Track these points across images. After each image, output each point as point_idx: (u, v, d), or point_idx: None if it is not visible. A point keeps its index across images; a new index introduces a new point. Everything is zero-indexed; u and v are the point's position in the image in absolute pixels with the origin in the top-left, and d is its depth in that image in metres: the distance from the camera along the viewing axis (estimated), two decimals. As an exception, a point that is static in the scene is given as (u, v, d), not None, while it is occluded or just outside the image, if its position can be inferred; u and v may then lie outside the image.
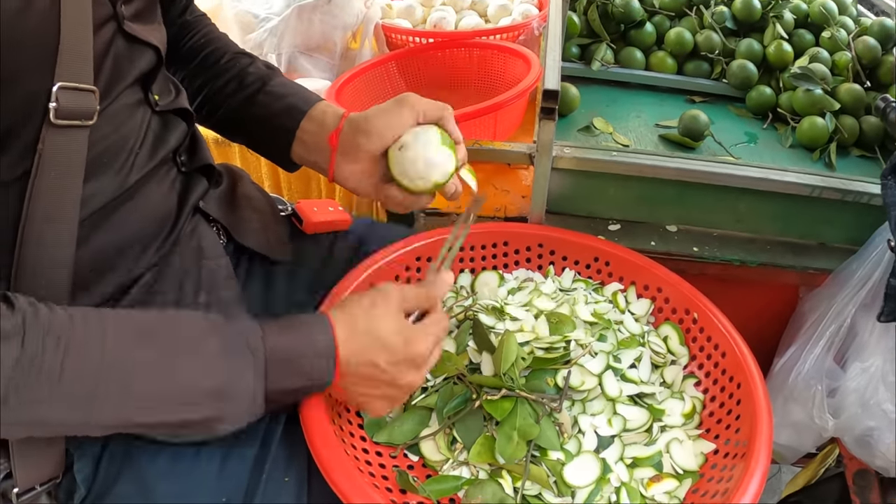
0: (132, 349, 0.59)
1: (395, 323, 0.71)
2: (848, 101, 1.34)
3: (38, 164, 0.61)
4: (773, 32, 1.48)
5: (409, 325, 0.72)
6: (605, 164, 1.11)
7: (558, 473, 0.76)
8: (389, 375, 0.70)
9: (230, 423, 0.65)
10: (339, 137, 0.84)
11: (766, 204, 1.13)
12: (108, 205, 0.70)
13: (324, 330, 0.68)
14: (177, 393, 0.61)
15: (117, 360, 0.58)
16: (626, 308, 0.98)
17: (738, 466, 0.75)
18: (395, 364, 0.70)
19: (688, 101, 1.51)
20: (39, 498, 0.73)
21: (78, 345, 0.56)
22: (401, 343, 0.70)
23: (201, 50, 0.94)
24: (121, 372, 0.58)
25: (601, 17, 1.54)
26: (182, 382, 0.61)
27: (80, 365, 0.56)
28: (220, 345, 0.63)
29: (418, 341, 0.71)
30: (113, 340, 0.58)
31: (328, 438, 0.72)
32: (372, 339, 0.69)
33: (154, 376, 0.60)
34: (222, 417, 0.64)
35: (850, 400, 0.96)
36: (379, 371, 0.70)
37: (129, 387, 0.59)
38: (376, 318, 0.70)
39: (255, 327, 0.66)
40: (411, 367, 0.71)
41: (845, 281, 1.03)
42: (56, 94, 0.60)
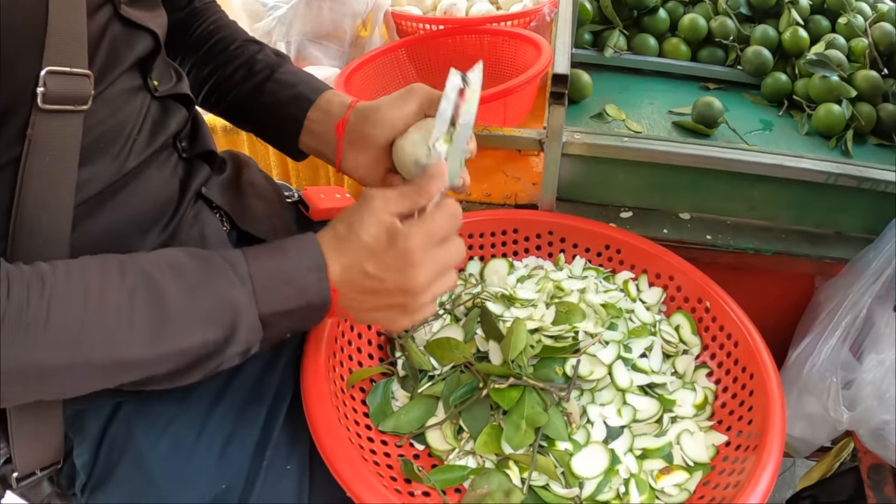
0: (116, 284, 0.57)
1: (377, 224, 0.65)
2: (865, 88, 1.32)
3: (28, 149, 0.60)
4: (788, 18, 1.46)
5: (392, 222, 0.66)
6: (617, 150, 1.09)
7: (566, 464, 0.75)
8: (384, 282, 0.66)
9: (230, 353, 0.63)
10: (345, 127, 0.83)
11: (781, 191, 1.11)
12: (106, 190, 0.69)
13: (311, 247, 0.65)
14: (168, 320, 0.59)
15: (102, 297, 0.56)
16: (637, 296, 0.97)
17: (749, 459, 0.73)
18: (386, 267, 0.65)
19: (702, 87, 1.49)
20: (41, 483, 0.74)
21: (62, 287, 0.55)
22: (385, 242, 0.65)
23: (210, 37, 0.93)
24: (108, 307, 0.56)
25: (614, 3, 1.52)
26: (171, 309, 0.59)
27: (66, 307, 0.54)
28: (203, 272, 0.61)
29: (405, 236, 0.65)
30: (97, 280, 0.57)
31: (331, 426, 0.71)
32: (356, 245, 0.65)
33: (142, 307, 0.58)
34: (217, 348, 0.61)
35: (865, 392, 0.94)
36: (371, 279, 0.65)
37: (120, 320, 0.57)
38: (358, 223, 0.66)
39: (237, 254, 0.64)
40: (405, 265, 0.65)
41: (862, 270, 1.01)
42: (44, 79, 0.59)
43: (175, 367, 0.61)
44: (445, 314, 0.93)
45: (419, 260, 0.65)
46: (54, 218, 0.62)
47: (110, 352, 0.56)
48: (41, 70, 0.59)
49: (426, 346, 0.88)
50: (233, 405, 0.76)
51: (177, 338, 0.59)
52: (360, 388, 0.83)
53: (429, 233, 0.66)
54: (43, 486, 0.75)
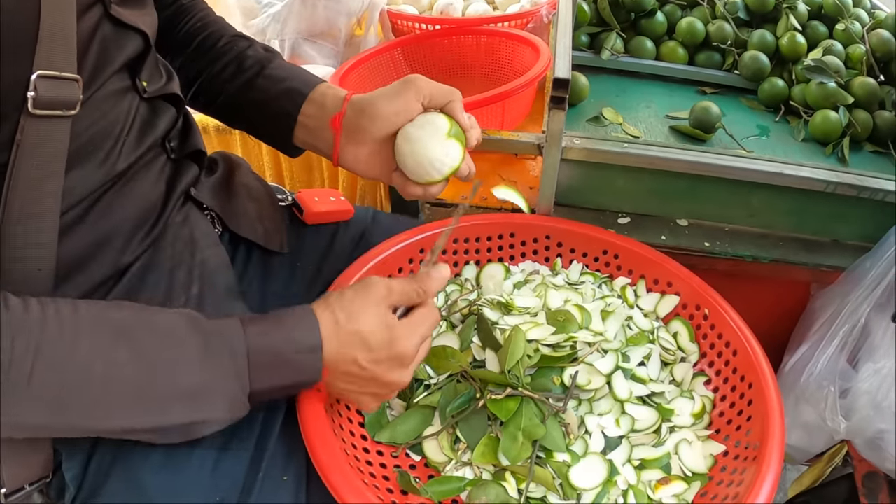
0: (105, 351, 0.57)
1: (377, 319, 0.68)
2: (861, 95, 1.32)
3: (16, 155, 0.59)
4: (786, 24, 1.45)
5: (392, 320, 0.69)
6: (616, 155, 1.08)
7: (564, 475, 0.75)
8: (371, 373, 0.68)
9: (212, 426, 0.64)
10: (342, 121, 0.82)
11: (779, 199, 1.11)
12: (94, 194, 0.68)
13: (309, 326, 0.66)
14: (152, 396, 0.60)
15: (89, 361, 0.56)
16: (634, 303, 0.96)
17: (748, 469, 0.73)
18: (376, 362, 0.68)
19: (699, 92, 1.49)
20: (30, 496, 0.72)
21: (48, 345, 0.54)
22: (383, 340, 0.67)
23: (198, 34, 0.91)
24: (93, 374, 0.56)
25: (611, 5, 1.51)
26: (157, 385, 0.59)
27: (49, 367, 0.54)
28: (199, 346, 0.61)
29: (403, 339, 0.68)
30: (86, 340, 0.56)
31: (326, 438, 0.70)
32: (353, 335, 0.66)
33: (128, 379, 0.58)
34: (202, 421, 0.63)
35: (861, 402, 0.94)
36: (360, 369, 0.67)
37: (102, 390, 0.57)
38: (358, 314, 0.67)
39: (236, 327, 0.64)
40: (395, 365, 0.69)
41: (859, 279, 1.00)
42: (35, 83, 0.58)
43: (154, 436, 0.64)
44: (441, 321, 0.92)
45: (408, 362, 0.69)
46: (42, 222, 0.61)
47: (90, 420, 0.58)
48: (32, 74, 0.57)
49: (422, 353, 0.87)
50: None
51: (161, 415, 0.61)
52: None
53: (421, 336, 0.71)
54: (33, 497, 0.73)
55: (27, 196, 0.60)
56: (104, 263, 0.71)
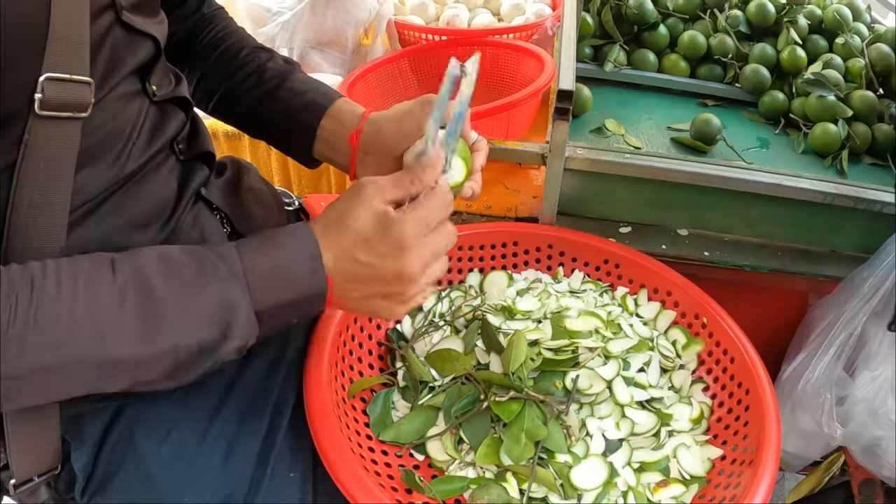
0: (107, 285, 0.57)
1: (369, 212, 0.65)
2: (861, 109, 1.34)
3: (24, 154, 0.59)
4: (786, 37, 1.48)
5: (385, 209, 0.65)
6: (618, 166, 1.10)
7: (565, 476, 0.76)
8: (377, 269, 0.65)
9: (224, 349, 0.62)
10: (359, 138, 0.84)
11: (778, 210, 1.13)
12: (103, 194, 0.69)
13: (303, 235, 0.64)
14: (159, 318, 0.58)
15: (92, 297, 0.56)
16: (634, 311, 0.98)
17: (745, 473, 0.74)
18: (379, 255, 0.64)
19: (700, 104, 1.51)
20: (38, 489, 0.73)
21: (51, 290, 0.54)
22: (377, 230, 0.64)
23: (219, 45, 0.93)
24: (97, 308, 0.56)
25: (615, 18, 1.54)
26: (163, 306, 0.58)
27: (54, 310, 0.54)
28: (197, 270, 0.61)
29: (397, 223, 0.64)
30: (86, 279, 0.56)
31: (334, 436, 0.71)
32: (348, 234, 0.64)
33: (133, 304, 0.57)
34: (212, 346, 0.61)
35: (858, 409, 0.96)
36: (364, 267, 0.65)
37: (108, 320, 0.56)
38: (349, 213, 0.65)
39: (230, 247, 0.63)
40: (399, 252, 0.64)
41: (856, 289, 1.02)
42: (42, 85, 0.58)
43: (170, 367, 0.60)
44: (446, 325, 0.94)
45: (412, 246, 0.65)
46: (49, 223, 0.62)
47: (101, 351, 0.56)
48: (39, 76, 0.58)
49: (427, 357, 0.88)
50: (236, 411, 0.76)
51: (170, 336, 0.58)
52: (360, 399, 0.84)
53: (421, 219, 0.65)
54: (41, 491, 0.74)
55: (35, 194, 0.60)
56: None
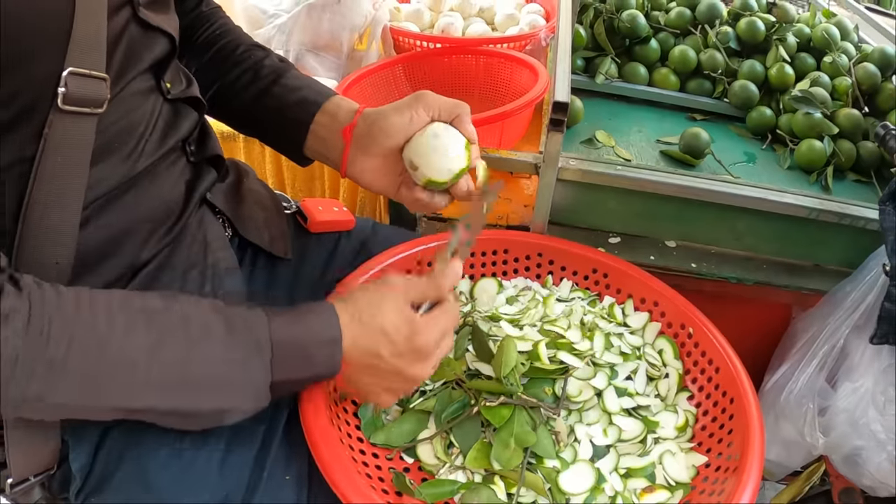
0: (138, 334, 0.59)
1: (400, 313, 0.69)
2: (846, 126, 1.37)
3: (43, 148, 0.60)
4: (775, 55, 1.51)
5: (414, 316, 0.70)
6: (609, 177, 1.12)
7: (553, 481, 0.77)
8: (393, 367, 0.69)
9: (235, 414, 0.65)
10: (353, 132, 0.85)
11: (764, 224, 1.15)
12: (115, 189, 0.70)
13: (330, 320, 0.67)
14: (182, 381, 0.61)
15: (123, 344, 0.58)
16: (622, 321, 1.00)
17: (729, 480, 0.76)
18: (398, 355, 0.69)
19: (689, 118, 1.53)
20: (33, 489, 0.73)
21: (84, 326, 0.56)
22: (405, 334, 0.69)
23: (216, 41, 0.94)
24: (126, 356, 0.58)
25: (607, 31, 1.56)
26: (188, 370, 0.61)
27: (85, 347, 0.55)
28: (226, 336, 0.63)
29: (424, 332, 0.69)
30: (121, 323, 0.58)
31: (329, 439, 0.72)
32: (375, 329, 0.68)
33: (159, 363, 0.59)
34: (227, 409, 0.64)
35: (839, 419, 0.98)
36: (382, 362, 0.69)
37: (133, 373, 0.58)
38: (380, 309, 0.69)
39: (261, 318, 0.65)
40: (417, 358, 0.70)
41: (839, 302, 1.05)
42: (66, 80, 0.59)
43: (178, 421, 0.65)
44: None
45: (428, 355, 0.71)
46: (63, 216, 0.63)
47: (121, 401, 0.59)
48: (63, 70, 0.59)
49: (418, 361, 0.89)
50: None
51: (189, 399, 0.62)
52: (352, 402, 0.85)
53: (441, 331, 0.72)
54: (34, 491, 0.74)
55: (51, 189, 0.61)
56: (122, 259, 0.72)
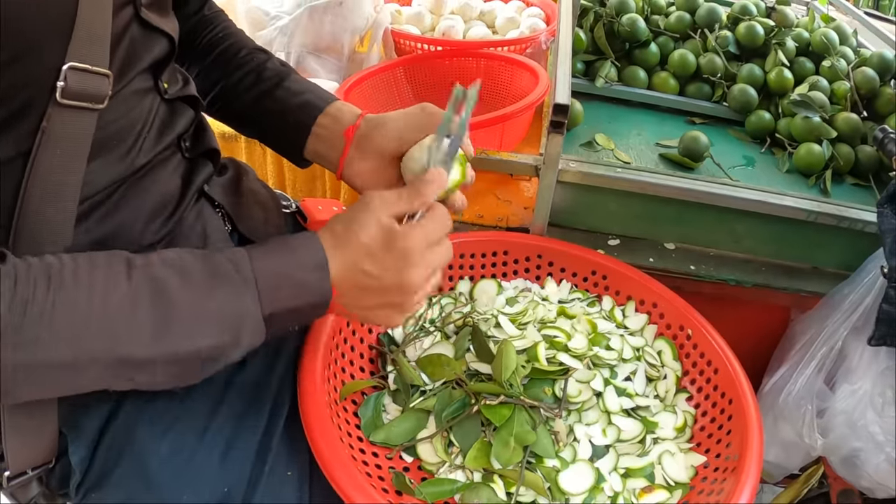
0: (122, 285, 0.58)
1: (375, 225, 0.67)
2: (845, 130, 1.37)
3: (40, 142, 0.60)
4: (774, 59, 1.51)
5: (391, 224, 0.68)
6: (608, 179, 1.13)
7: (553, 480, 0.78)
8: (382, 280, 0.67)
9: (233, 351, 0.64)
10: (355, 133, 0.85)
11: (762, 226, 1.15)
12: (111, 187, 0.70)
13: (313, 246, 0.66)
14: (170, 320, 0.59)
15: (107, 296, 0.57)
16: (622, 322, 1.00)
17: (728, 480, 0.76)
18: (384, 267, 0.67)
19: (688, 122, 1.54)
20: (30, 483, 0.73)
21: (68, 284, 0.55)
22: (383, 243, 0.67)
23: (219, 44, 0.95)
24: (112, 308, 0.57)
25: (607, 34, 1.57)
26: (174, 309, 0.59)
27: (71, 304, 0.55)
28: (211, 275, 0.62)
29: (403, 237, 0.67)
30: (103, 278, 0.57)
31: (329, 436, 0.72)
32: (355, 246, 0.67)
33: (146, 305, 0.58)
34: (224, 344, 0.62)
35: (838, 421, 0.98)
36: (369, 278, 0.67)
37: (123, 319, 0.57)
38: (358, 225, 0.67)
39: (242, 253, 0.65)
40: (404, 265, 0.67)
41: (837, 305, 1.05)
42: (65, 74, 0.60)
43: (178, 369, 0.61)
44: (436, 331, 0.96)
45: (416, 260, 0.67)
46: (59, 212, 0.63)
47: (113, 350, 0.57)
48: (63, 65, 0.59)
49: (418, 361, 0.90)
50: (233, 409, 0.77)
51: (181, 340, 0.60)
52: (351, 401, 0.85)
53: (425, 234, 0.69)
54: (31, 486, 0.74)
55: (48, 183, 0.62)
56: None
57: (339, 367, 0.86)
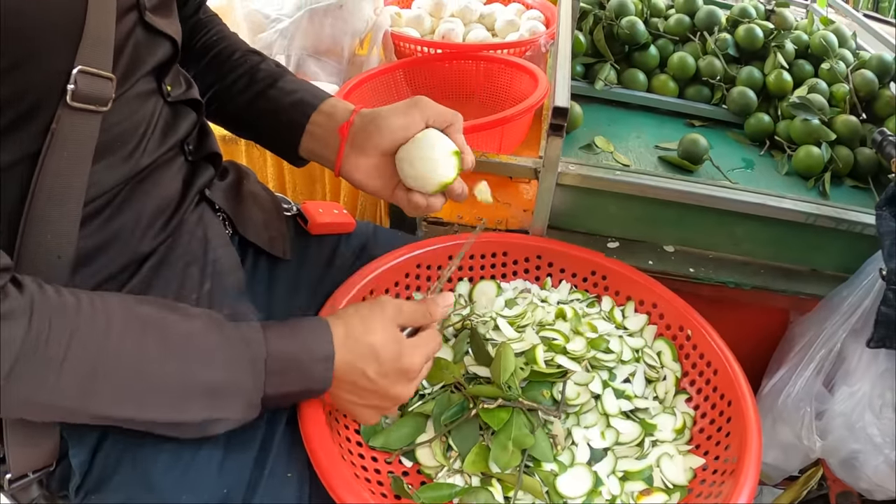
0: (136, 341, 0.60)
1: (389, 334, 0.72)
2: (844, 132, 1.37)
3: (49, 144, 0.61)
4: (773, 61, 1.51)
5: (402, 337, 0.74)
6: (608, 182, 1.13)
7: (551, 484, 0.78)
8: (377, 386, 0.72)
9: (226, 424, 0.67)
10: (349, 129, 0.86)
11: (761, 229, 1.16)
12: (116, 187, 0.71)
13: (324, 336, 0.69)
14: (174, 389, 0.62)
15: (121, 350, 0.59)
16: (621, 323, 1.00)
17: (727, 482, 0.76)
18: (384, 375, 0.71)
19: (687, 124, 1.54)
20: (30, 486, 0.74)
21: (84, 330, 0.57)
22: (392, 354, 0.71)
23: (213, 47, 0.95)
24: (123, 362, 0.59)
25: (606, 37, 1.57)
26: (181, 380, 0.62)
27: (83, 350, 0.57)
28: (221, 346, 0.65)
29: (410, 354, 0.72)
30: (118, 329, 0.59)
31: (326, 444, 0.72)
32: (365, 348, 0.70)
33: (154, 371, 0.61)
34: (218, 419, 0.66)
35: (836, 423, 0.98)
36: (367, 381, 0.71)
37: (129, 378, 0.60)
38: (371, 328, 0.71)
39: (257, 332, 0.67)
40: (401, 379, 0.73)
41: (836, 307, 1.05)
42: (75, 77, 0.61)
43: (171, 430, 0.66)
44: (436, 334, 0.96)
45: (414, 377, 0.74)
46: (64, 214, 0.64)
47: (113, 408, 0.60)
48: (73, 68, 0.61)
49: (416, 364, 0.90)
50: None
51: (182, 409, 0.63)
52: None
53: (426, 355, 0.75)
54: (32, 488, 0.75)
55: (55, 185, 0.62)
56: (121, 255, 0.73)
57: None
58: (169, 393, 0.62)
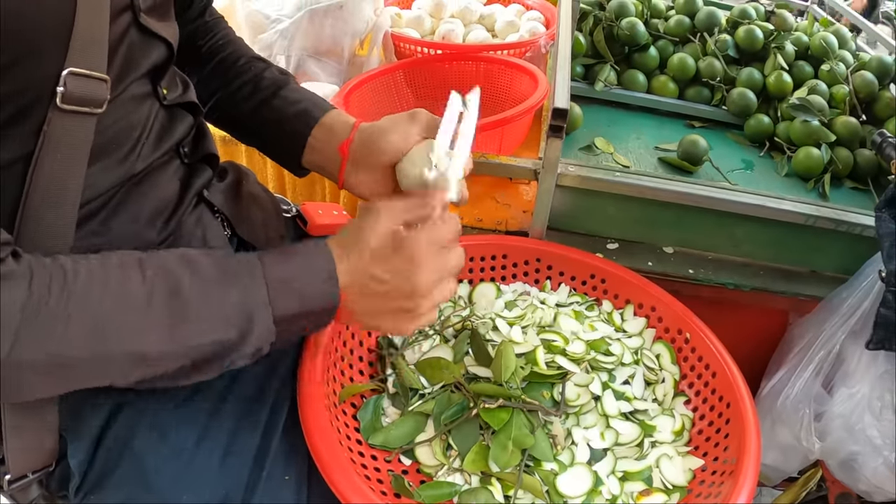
0: (135, 281, 0.59)
1: (384, 231, 0.69)
2: (843, 134, 1.38)
3: (41, 146, 0.61)
4: (773, 63, 1.52)
5: (398, 229, 0.70)
6: (607, 183, 1.13)
7: (551, 483, 0.78)
8: (391, 285, 0.69)
9: (243, 351, 0.64)
10: (349, 148, 0.86)
11: (761, 230, 1.16)
12: (112, 190, 0.71)
13: (321, 252, 0.68)
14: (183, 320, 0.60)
15: (121, 292, 0.58)
16: (621, 326, 1.00)
17: (726, 483, 0.77)
18: (391, 271, 0.68)
19: (687, 125, 1.54)
20: (30, 486, 0.74)
21: (83, 281, 0.56)
22: (391, 247, 0.68)
23: (218, 52, 0.95)
24: (126, 303, 0.58)
25: (606, 38, 1.57)
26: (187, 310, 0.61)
27: (85, 300, 0.56)
28: (221, 273, 0.63)
29: (411, 242, 0.69)
30: (116, 275, 0.58)
31: (328, 439, 0.73)
32: (363, 251, 0.68)
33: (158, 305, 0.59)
34: (230, 347, 0.63)
35: (835, 424, 0.98)
36: (377, 282, 0.68)
37: (135, 317, 0.58)
38: (366, 231, 0.69)
39: (252, 256, 0.66)
40: (410, 268, 0.68)
41: (835, 308, 1.05)
42: (65, 79, 0.60)
43: (188, 364, 0.62)
44: (435, 335, 0.96)
45: (424, 263, 0.69)
46: (59, 216, 0.63)
47: (127, 345, 0.58)
48: (63, 70, 0.60)
49: (417, 364, 0.90)
50: (233, 413, 0.77)
51: (193, 335, 0.61)
52: (351, 404, 0.85)
53: (432, 239, 0.70)
54: (31, 488, 0.75)
55: (49, 187, 0.62)
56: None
57: (338, 371, 0.86)
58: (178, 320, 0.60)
